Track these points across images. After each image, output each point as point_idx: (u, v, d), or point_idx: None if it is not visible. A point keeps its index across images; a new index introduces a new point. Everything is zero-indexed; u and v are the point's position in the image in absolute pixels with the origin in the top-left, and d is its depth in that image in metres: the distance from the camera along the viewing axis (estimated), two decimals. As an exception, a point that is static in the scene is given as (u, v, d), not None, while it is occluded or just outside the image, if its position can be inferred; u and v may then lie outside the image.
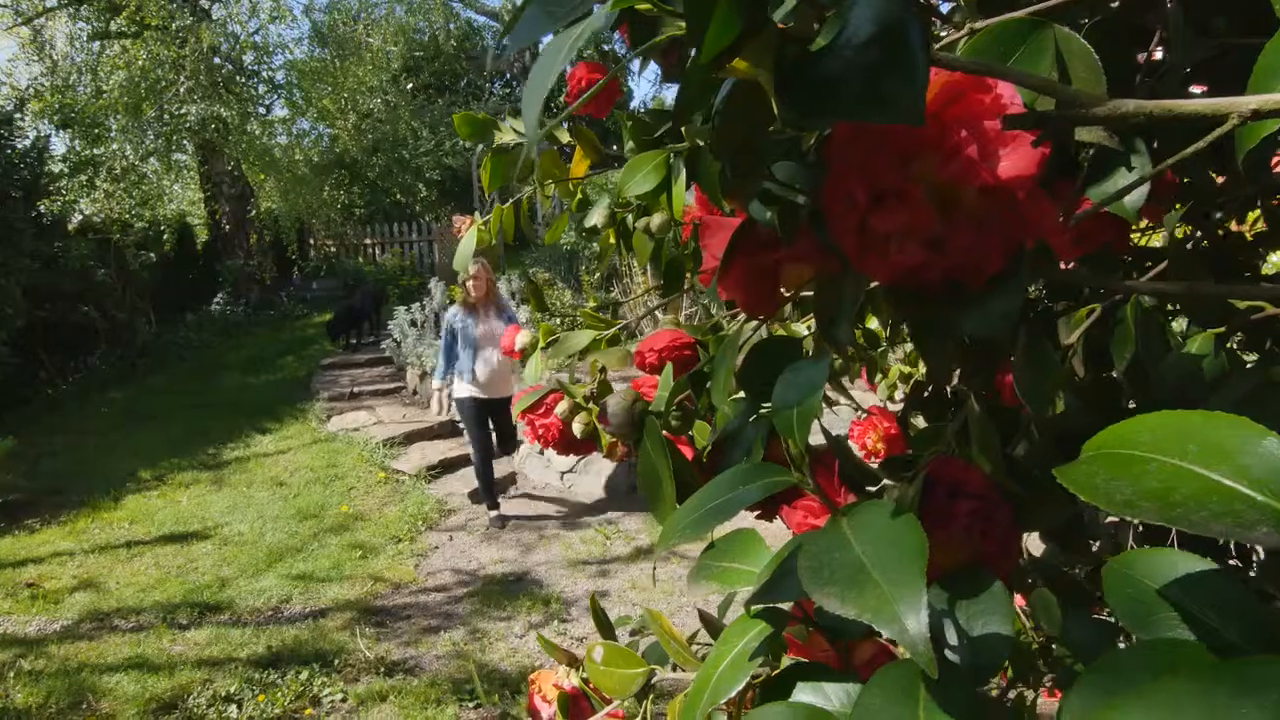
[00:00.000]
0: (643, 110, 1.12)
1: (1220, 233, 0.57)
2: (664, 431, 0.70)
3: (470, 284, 4.84)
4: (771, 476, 0.36)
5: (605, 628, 0.86)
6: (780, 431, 0.37)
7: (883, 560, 0.29)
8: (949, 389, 1.09)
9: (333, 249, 13.23)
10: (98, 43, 8.80)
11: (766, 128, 0.44)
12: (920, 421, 0.96)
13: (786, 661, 0.53)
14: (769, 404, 0.58)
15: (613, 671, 0.80)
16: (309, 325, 10.68)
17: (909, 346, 1.50)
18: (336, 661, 3.43)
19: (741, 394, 0.65)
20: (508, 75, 17.59)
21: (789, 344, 0.52)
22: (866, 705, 0.34)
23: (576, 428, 0.73)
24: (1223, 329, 0.43)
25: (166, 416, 7.38)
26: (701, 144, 0.79)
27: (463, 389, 4.99)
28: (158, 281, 9.37)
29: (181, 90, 8.57)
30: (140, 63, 8.29)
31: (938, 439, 0.47)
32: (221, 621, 3.82)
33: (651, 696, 0.78)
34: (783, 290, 0.52)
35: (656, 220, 0.86)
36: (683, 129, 0.77)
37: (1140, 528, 0.75)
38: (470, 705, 3.10)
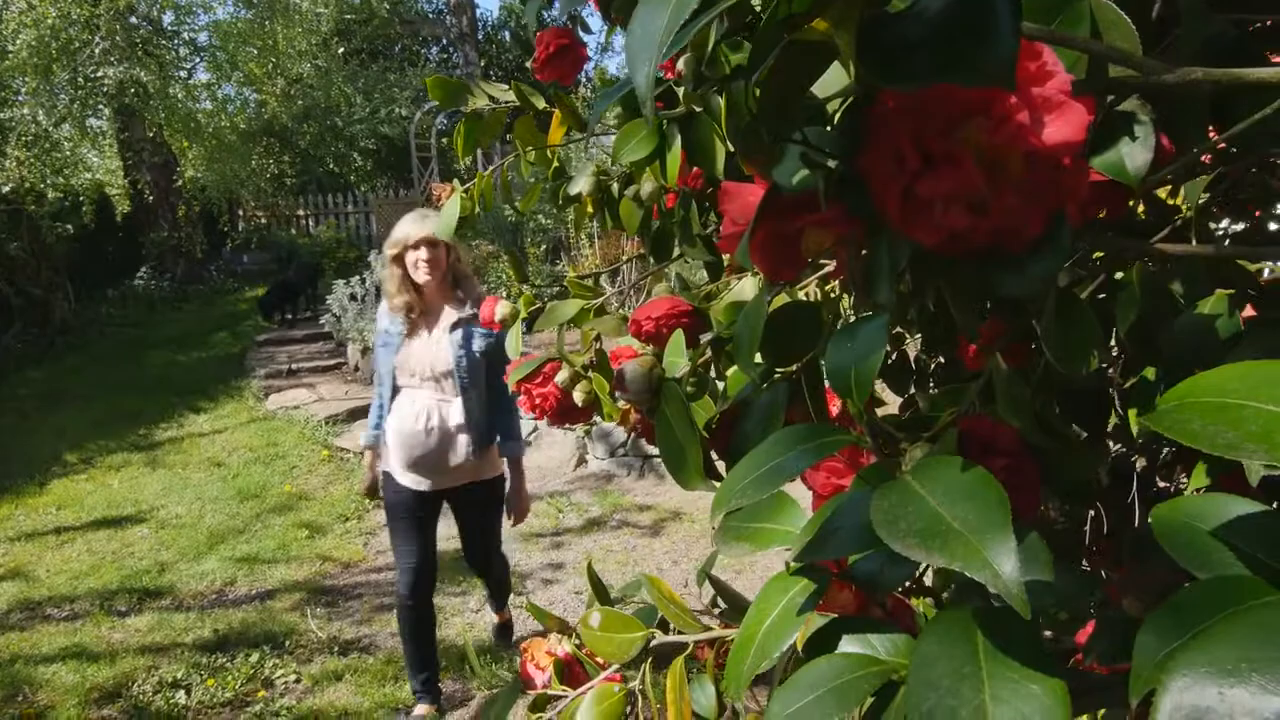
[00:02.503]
0: (615, 75, 1.11)
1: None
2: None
3: (419, 264, 2.47)
4: (828, 436, 0.37)
5: (601, 594, 0.86)
6: (837, 392, 0.38)
7: (961, 511, 0.30)
8: (913, 360, 1.12)
9: (264, 221, 12.73)
10: (-1, -1, 8.20)
11: (806, 92, 0.44)
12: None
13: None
14: (783, 369, 0.59)
15: (610, 636, 0.80)
16: (241, 300, 10.29)
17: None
18: (288, 643, 3.36)
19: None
20: (444, 41, 17.10)
21: (807, 310, 0.53)
22: (925, 653, 0.35)
23: (578, 396, 0.73)
24: (1233, 290, 0.45)
25: (91, 397, 7.04)
26: (698, 110, 0.78)
27: (390, 463, 2.65)
28: (76, 255, 8.88)
29: (96, 51, 8.06)
30: (50, 21, 7.74)
31: (957, 400, 0.49)
32: (163, 607, 3.70)
33: (650, 660, 0.79)
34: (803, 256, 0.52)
35: (647, 188, 0.85)
36: (681, 95, 0.77)
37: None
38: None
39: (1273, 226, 0.63)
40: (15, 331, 8.03)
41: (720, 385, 0.72)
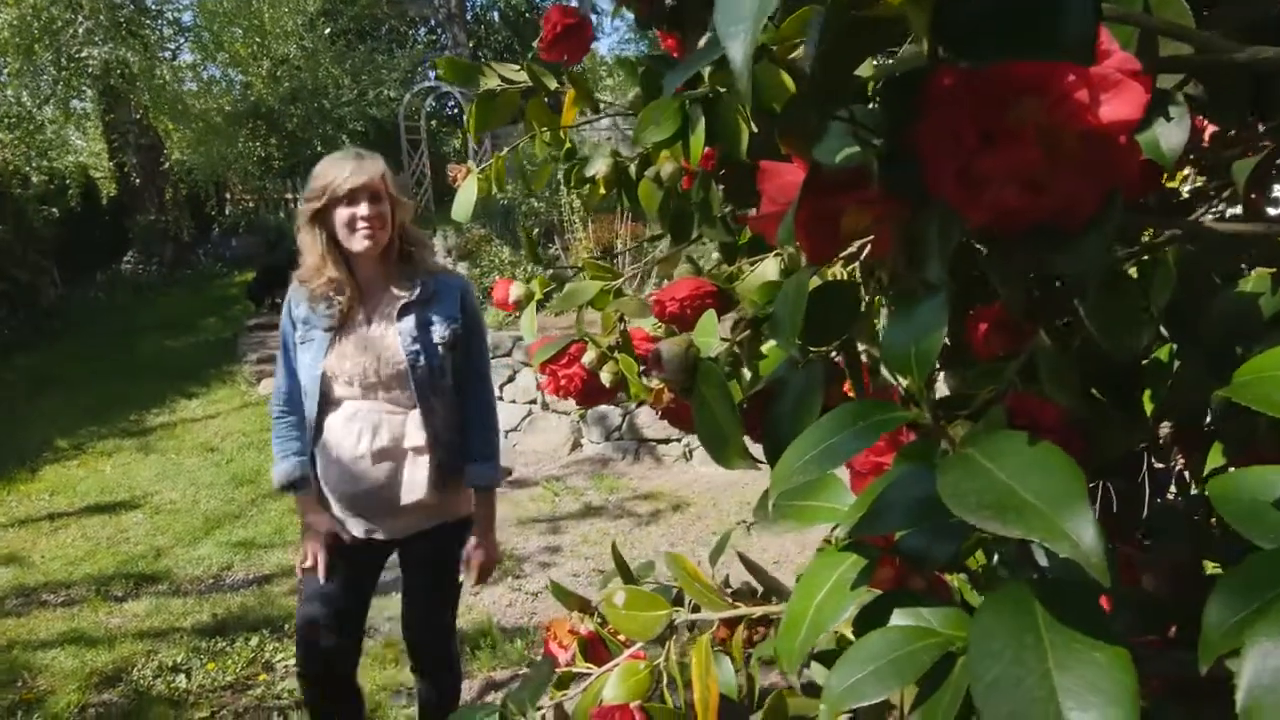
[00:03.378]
0: (635, 57, 1.10)
1: None
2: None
3: (357, 224, 1.79)
4: (886, 414, 0.37)
5: (625, 573, 0.87)
6: (895, 370, 0.38)
7: (1034, 484, 0.31)
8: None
9: (251, 204, 12.61)
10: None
11: (857, 69, 0.44)
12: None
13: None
14: (818, 348, 0.59)
15: (635, 615, 0.81)
16: (230, 284, 10.20)
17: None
18: (287, 626, 3.36)
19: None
20: (432, 22, 16.92)
21: (844, 289, 0.53)
22: (985, 624, 0.36)
23: (605, 376, 0.73)
24: (1276, 269, 0.46)
25: (80, 382, 6.98)
26: (723, 90, 0.78)
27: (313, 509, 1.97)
28: (62, 239, 8.77)
29: (80, 31, 7.93)
30: (32, 1, 7.60)
31: (995, 377, 0.49)
32: (160, 592, 3.70)
33: (674, 638, 0.80)
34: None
35: (668, 169, 0.85)
36: (705, 75, 0.77)
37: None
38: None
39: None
40: (2, 317, 7.95)
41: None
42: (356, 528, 1.94)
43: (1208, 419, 0.72)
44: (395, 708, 2.86)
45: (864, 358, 0.67)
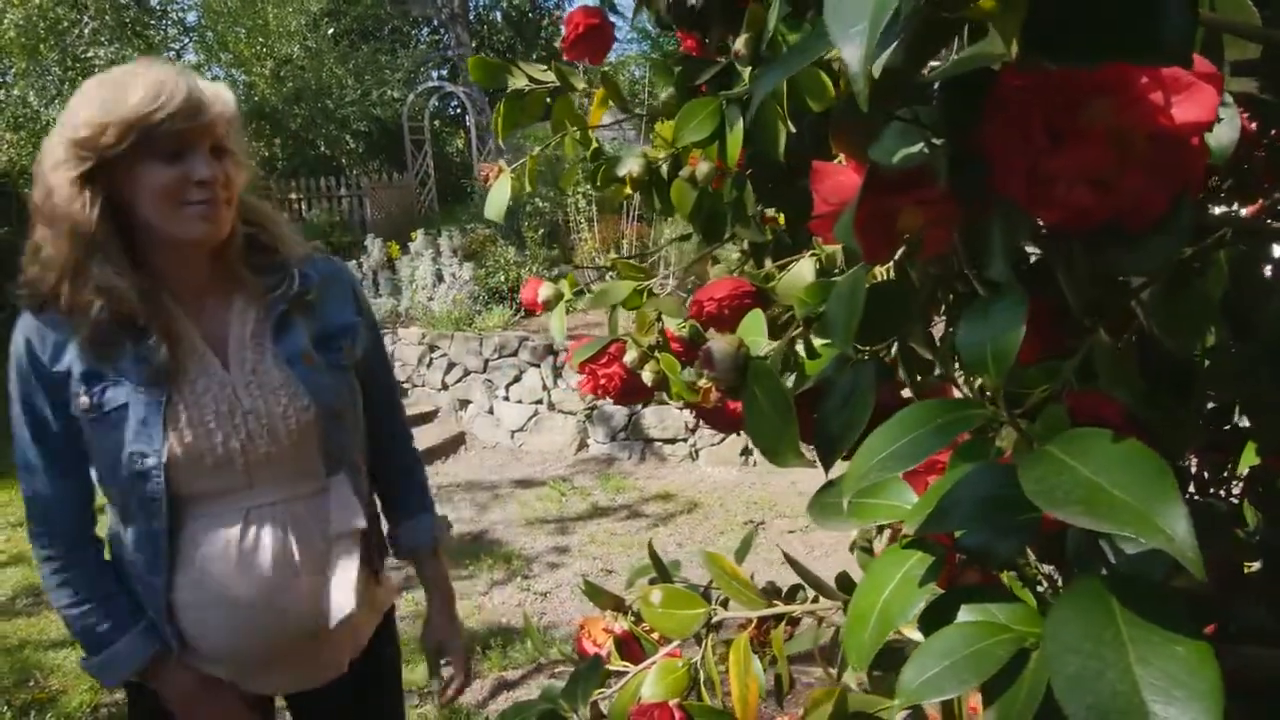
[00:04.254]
0: (669, 56, 1.11)
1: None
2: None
3: (188, 190, 1.03)
4: (962, 411, 0.37)
5: (663, 572, 0.87)
6: (972, 369, 0.38)
7: (1122, 480, 0.31)
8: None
9: (255, 204, 12.60)
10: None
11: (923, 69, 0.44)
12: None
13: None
14: (868, 347, 0.59)
15: (672, 613, 0.82)
16: (234, 285, 10.18)
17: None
18: (297, 626, 3.38)
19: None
20: (435, 22, 16.94)
21: (899, 289, 0.54)
22: (1061, 619, 0.36)
23: (647, 376, 0.74)
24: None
25: (86, 382, 6.98)
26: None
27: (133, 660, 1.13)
28: (67, 239, 8.77)
29: (85, 31, 7.94)
30: (37, 1, 7.62)
31: (1051, 377, 0.49)
32: (170, 591, 3.70)
33: (711, 637, 0.80)
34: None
35: (703, 169, 0.85)
36: (746, 74, 0.77)
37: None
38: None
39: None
40: (7, 315, 7.94)
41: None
42: (248, 684, 1.21)
43: (1236, 417, 0.73)
44: None
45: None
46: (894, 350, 0.63)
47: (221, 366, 1.13)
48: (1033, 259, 0.59)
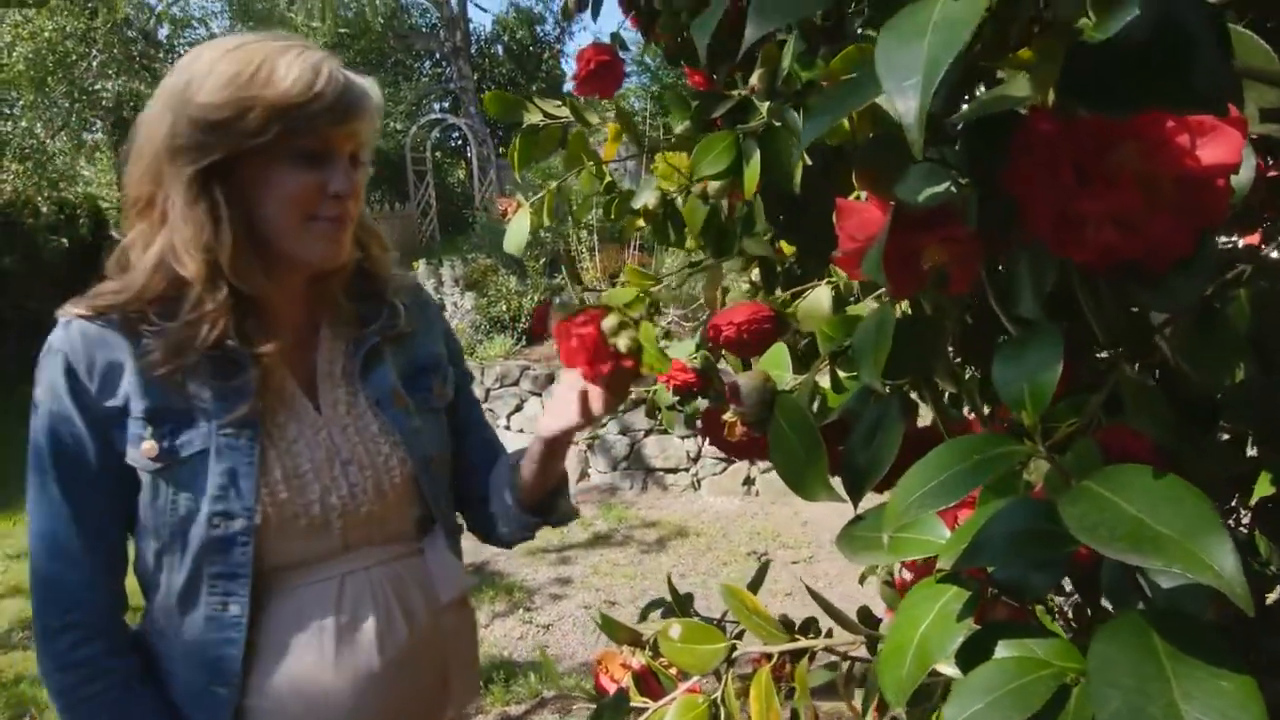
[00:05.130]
0: (672, 89, 1.13)
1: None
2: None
3: (333, 192, 0.85)
4: (1001, 448, 0.38)
5: (682, 606, 0.87)
6: (1009, 404, 0.39)
7: (1166, 516, 0.32)
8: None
9: (257, 234, 12.70)
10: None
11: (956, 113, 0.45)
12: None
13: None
14: (894, 381, 0.60)
15: (692, 648, 0.81)
16: (235, 314, 10.20)
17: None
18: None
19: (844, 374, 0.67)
20: (437, 55, 17.19)
21: (929, 324, 0.55)
22: (1104, 655, 0.37)
23: (622, 342, 0.72)
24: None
25: (86, 411, 6.97)
26: (778, 125, 0.80)
27: None
28: (69, 268, 8.83)
29: (94, 65, 8.06)
30: (46, 34, 7.75)
31: (1077, 411, 0.50)
32: (168, 623, 3.66)
33: (732, 672, 0.79)
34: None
35: (714, 185, 0.87)
36: (764, 108, 0.79)
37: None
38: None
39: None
40: (8, 347, 7.96)
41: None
42: None
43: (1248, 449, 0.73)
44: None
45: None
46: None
47: (313, 408, 0.94)
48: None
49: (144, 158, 0.85)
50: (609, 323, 0.75)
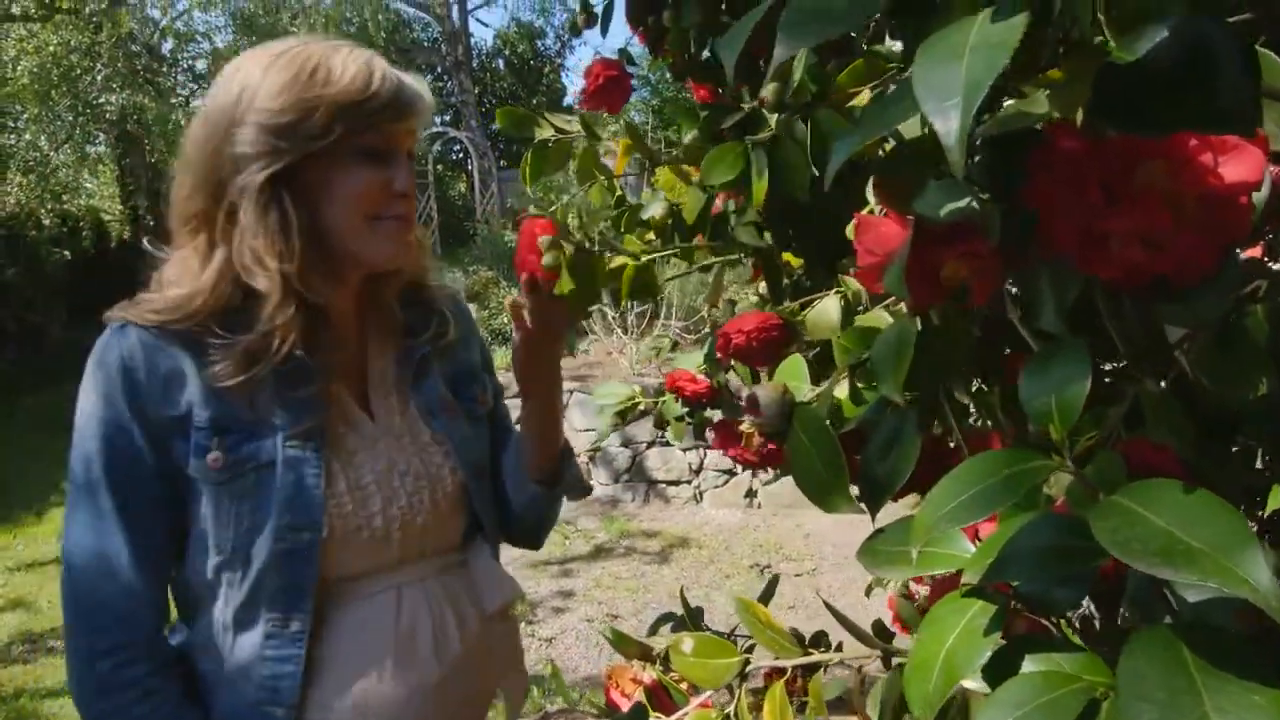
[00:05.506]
0: (684, 102, 1.14)
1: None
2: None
3: (391, 201, 0.85)
4: (1030, 462, 0.38)
5: (693, 619, 0.87)
6: (1036, 419, 0.39)
7: (1199, 531, 0.32)
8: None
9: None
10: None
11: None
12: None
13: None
14: (909, 394, 0.60)
15: (704, 662, 0.81)
16: (236, 326, 10.21)
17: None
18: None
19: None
20: (439, 69, 17.29)
21: (947, 336, 0.55)
22: (1134, 669, 0.37)
23: (546, 259, 0.72)
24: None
25: (87, 423, 6.96)
26: (788, 136, 0.81)
27: None
28: (73, 280, 8.85)
29: (98, 79, 8.11)
30: (51, 48, 7.80)
31: (1098, 424, 0.50)
32: (168, 637, 3.65)
33: (745, 686, 0.79)
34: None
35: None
36: (773, 119, 0.80)
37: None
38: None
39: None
40: (10, 358, 7.97)
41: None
42: None
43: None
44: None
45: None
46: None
47: (368, 417, 0.93)
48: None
49: (198, 174, 0.84)
50: (544, 238, 0.75)
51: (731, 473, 5.08)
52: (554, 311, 0.89)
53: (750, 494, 5.00)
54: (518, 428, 1.11)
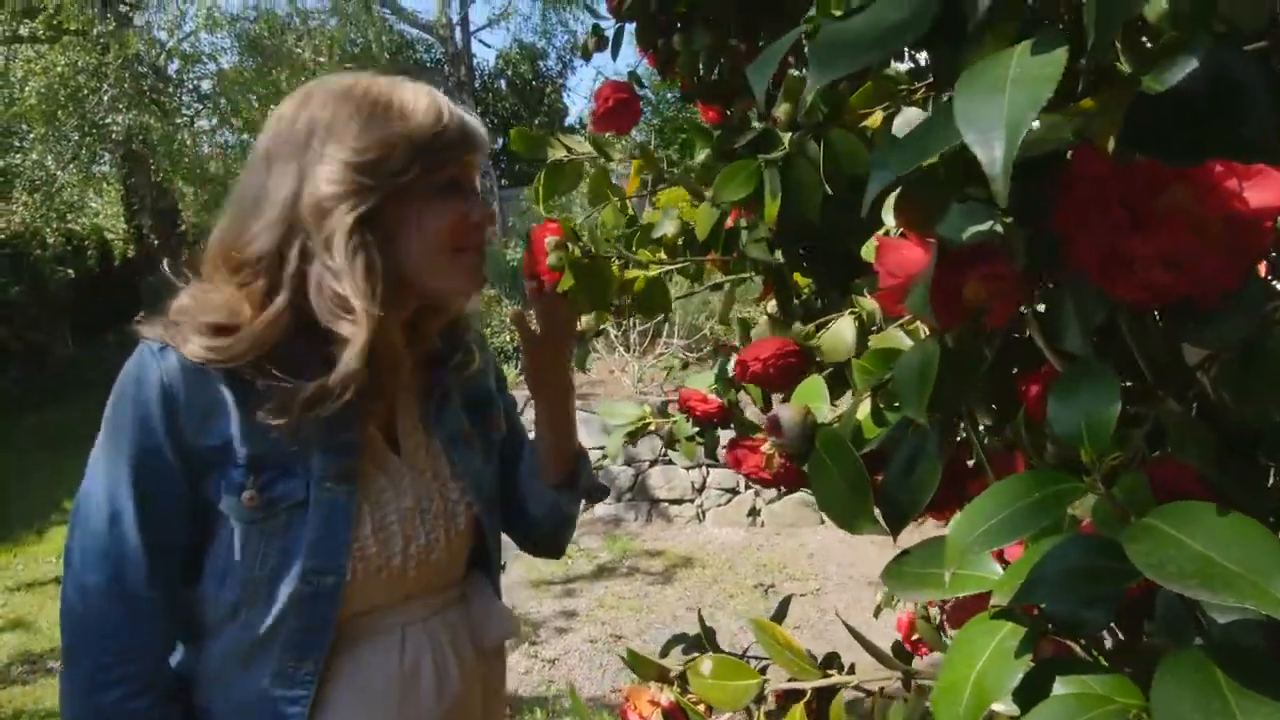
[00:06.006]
0: (684, 122, 1.15)
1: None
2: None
3: (471, 234, 0.84)
4: (1061, 485, 0.38)
5: (711, 640, 0.87)
6: (1065, 440, 0.40)
7: (1234, 554, 0.32)
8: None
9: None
10: (3, 48, 8.33)
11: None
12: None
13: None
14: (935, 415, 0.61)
15: (723, 684, 0.81)
16: (239, 344, 10.22)
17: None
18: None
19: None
20: (442, 90, 17.42)
21: (968, 356, 0.55)
22: (1168, 690, 0.37)
23: (551, 258, 0.77)
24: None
25: (90, 443, 6.95)
26: (800, 155, 0.82)
27: None
28: (75, 298, 8.88)
29: (105, 99, 8.18)
30: (59, 69, 7.87)
31: (1122, 444, 0.50)
32: (169, 657, 3.62)
33: (763, 708, 0.79)
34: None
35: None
36: (785, 139, 0.81)
37: None
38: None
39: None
40: (13, 377, 7.98)
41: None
42: None
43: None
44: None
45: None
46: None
47: (394, 452, 0.90)
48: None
49: (268, 216, 0.80)
50: (550, 239, 0.81)
51: (734, 491, 5.06)
52: (559, 312, 0.94)
53: (753, 513, 4.98)
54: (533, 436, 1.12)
